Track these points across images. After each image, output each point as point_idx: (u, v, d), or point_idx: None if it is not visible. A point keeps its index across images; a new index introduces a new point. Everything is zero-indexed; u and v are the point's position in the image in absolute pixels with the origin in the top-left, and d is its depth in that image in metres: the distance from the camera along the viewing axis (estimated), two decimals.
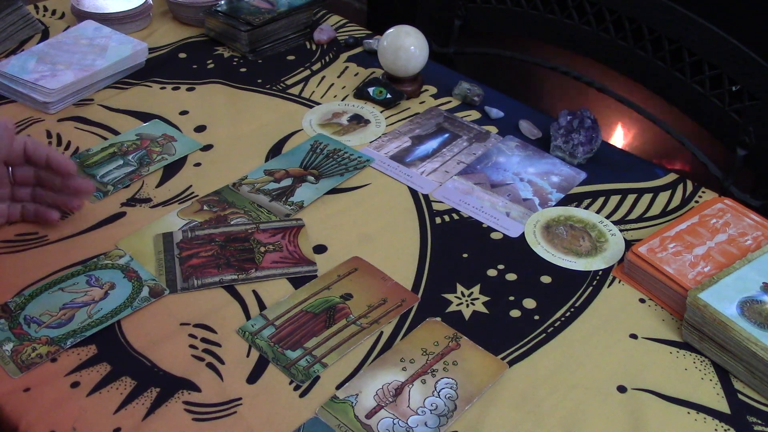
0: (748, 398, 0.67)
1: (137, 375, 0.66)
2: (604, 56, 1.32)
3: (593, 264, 0.81)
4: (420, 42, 1.06)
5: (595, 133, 0.96)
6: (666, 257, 0.77)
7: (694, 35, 1.17)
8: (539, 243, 0.84)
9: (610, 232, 0.86)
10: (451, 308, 0.75)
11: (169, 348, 0.69)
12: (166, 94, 1.07)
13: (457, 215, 0.87)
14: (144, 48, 1.12)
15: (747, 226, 0.81)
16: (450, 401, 0.65)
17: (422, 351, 0.70)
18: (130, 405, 0.64)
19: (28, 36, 1.19)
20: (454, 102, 1.09)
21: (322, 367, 0.68)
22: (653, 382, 0.68)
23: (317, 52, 1.20)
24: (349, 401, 0.65)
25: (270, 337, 0.70)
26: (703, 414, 0.66)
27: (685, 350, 0.72)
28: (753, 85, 1.12)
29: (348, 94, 1.10)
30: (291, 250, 0.80)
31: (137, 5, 1.22)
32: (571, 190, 0.92)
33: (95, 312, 0.72)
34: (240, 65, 1.15)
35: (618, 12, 1.27)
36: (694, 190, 0.93)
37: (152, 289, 0.75)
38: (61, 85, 1.02)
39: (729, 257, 0.77)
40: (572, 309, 0.76)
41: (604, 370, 0.69)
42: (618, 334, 0.73)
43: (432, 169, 0.95)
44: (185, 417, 0.63)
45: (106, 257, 0.78)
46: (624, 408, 0.66)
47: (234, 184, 0.90)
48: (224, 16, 1.18)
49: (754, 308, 0.69)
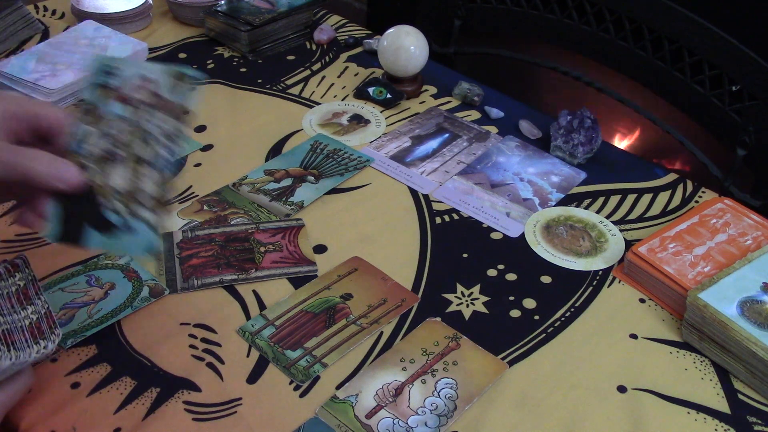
0: (748, 398, 0.67)
1: (137, 375, 0.66)
2: (604, 56, 1.32)
3: (593, 264, 0.81)
4: (420, 42, 1.06)
5: (595, 133, 0.96)
6: (666, 257, 0.77)
7: (694, 35, 1.17)
8: (539, 243, 0.84)
9: (610, 232, 0.86)
10: (451, 308, 0.75)
11: (169, 348, 0.69)
12: None
13: (457, 215, 0.87)
14: (144, 48, 1.12)
15: (747, 226, 0.81)
16: (450, 401, 0.65)
17: (422, 351, 0.70)
18: (130, 405, 0.64)
19: (28, 36, 1.19)
20: (454, 102, 1.09)
21: (322, 367, 0.68)
22: (653, 382, 0.68)
23: (317, 52, 1.20)
24: (349, 401, 0.65)
25: (270, 337, 0.70)
26: (703, 414, 0.66)
27: (685, 350, 0.72)
28: (753, 85, 1.12)
29: (348, 94, 1.10)
30: (291, 250, 0.80)
31: (137, 5, 1.22)
32: (571, 190, 0.92)
33: (95, 312, 0.72)
34: (240, 65, 1.15)
35: (618, 12, 1.27)
36: (694, 190, 0.93)
37: (152, 289, 0.75)
38: (62, 85, 1.02)
39: (729, 257, 0.77)
40: (572, 309, 0.76)
41: (604, 370, 0.69)
42: (618, 334, 0.73)
43: (432, 169, 0.95)
44: (185, 417, 0.63)
45: (106, 257, 0.78)
46: (624, 408, 0.66)
47: (234, 184, 0.90)
48: (224, 16, 1.18)
49: (754, 308, 0.69)
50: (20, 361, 0.57)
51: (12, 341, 0.57)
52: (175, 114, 0.61)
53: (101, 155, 0.58)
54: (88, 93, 0.60)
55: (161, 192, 0.59)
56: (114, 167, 0.58)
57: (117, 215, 0.57)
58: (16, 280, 0.61)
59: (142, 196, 0.58)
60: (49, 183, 0.55)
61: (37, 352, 0.58)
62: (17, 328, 0.58)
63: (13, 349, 0.57)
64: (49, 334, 0.60)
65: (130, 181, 0.58)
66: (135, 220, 0.57)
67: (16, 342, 0.57)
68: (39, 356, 0.59)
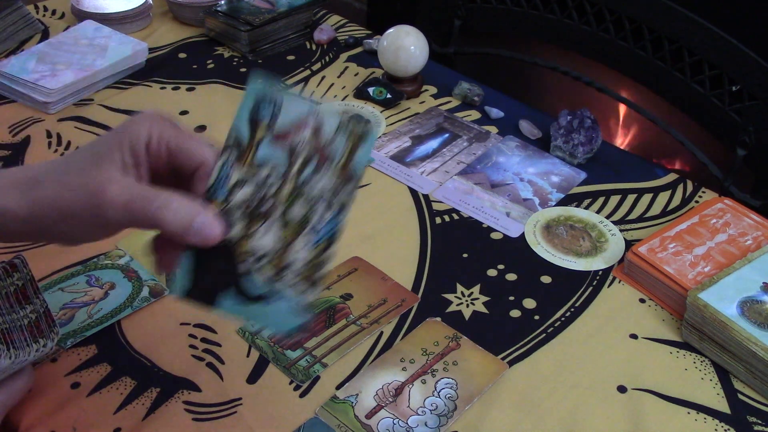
0: (748, 398, 0.67)
1: (137, 375, 0.66)
2: (604, 56, 1.32)
3: (593, 264, 0.81)
4: (420, 42, 1.06)
5: (595, 133, 0.96)
6: (666, 257, 0.77)
7: (694, 35, 1.17)
8: (539, 243, 0.84)
9: (610, 232, 0.86)
10: (451, 308, 0.75)
11: (169, 348, 0.69)
12: (166, 94, 1.07)
13: (457, 215, 0.87)
14: (144, 48, 1.12)
15: (747, 226, 0.81)
16: (450, 401, 0.65)
17: (422, 351, 0.70)
18: (130, 405, 0.64)
19: (28, 36, 1.19)
20: (454, 102, 1.09)
21: (322, 367, 0.68)
22: (653, 382, 0.68)
23: (317, 52, 1.20)
24: (349, 401, 0.65)
25: (270, 337, 0.70)
26: (703, 414, 0.66)
27: (685, 350, 0.72)
28: (753, 85, 1.12)
29: (348, 94, 1.10)
30: None
31: (137, 5, 1.22)
32: (571, 190, 0.92)
33: (95, 312, 0.72)
34: (240, 65, 1.15)
35: (618, 12, 1.26)
36: (694, 190, 0.93)
37: (152, 289, 0.74)
38: (61, 85, 1.02)
39: (729, 257, 0.77)
40: (572, 309, 0.76)
41: (604, 370, 0.69)
42: (618, 334, 0.73)
43: (432, 169, 0.95)
44: (185, 417, 0.63)
45: (106, 257, 0.78)
46: (624, 408, 0.66)
47: None
48: (224, 16, 1.18)
49: (754, 308, 0.69)
50: (20, 360, 0.57)
51: (11, 340, 0.57)
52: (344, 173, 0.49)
53: (248, 207, 0.49)
54: (240, 126, 0.50)
55: (315, 263, 0.49)
56: (262, 223, 0.49)
57: (259, 281, 0.48)
58: (14, 280, 0.61)
59: (292, 264, 0.48)
60: (184, 237, 0.47)
61: (37, 351, 0.58)
62: (16, 327, 0.58)
63: (13, 348, 0.57)
64: (48, 332, 0.60)
65: (279, 243, 0.48)
66: (280, 290, 0.48)
67: (15, 341, 0.57)
68: (39, 354, 0.59)
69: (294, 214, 0.48)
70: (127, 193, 0.46)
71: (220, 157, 0.49)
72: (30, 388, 0.61)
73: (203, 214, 0.47)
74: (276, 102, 0.49)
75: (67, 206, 0.46)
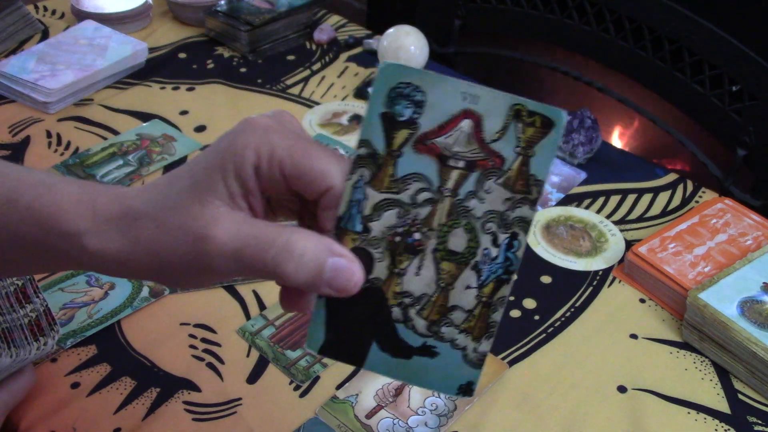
0: (748, 398, 0.67)
1: (137, 375, 0.66)
2: (604, 56, 1.32)
3: (593, 264, 0.81)
4: (420, 42, 1.06)
5: (595, 133, 0.96)
6: (666, 257, 0.77)
7: (694, 35, 1.17)
8: (539, 243, 0.84)
9: (610, 232, 0.86)
10: None
11: (169, 348, 0.69)
12: (166, 94, 1.07)
13: None
14: (144, 48, 1.12)
15: (747, 226, 0.81)
16: (450, 401, 0.65)
17: None
18: (130, 405, 0.64)
19: (28, 36, 1.19)
20: None
21: (322, 367, 0.68)
22: (653, 382, 0.68)
23: (317, 52, 1.20)
24: (349, 401, 0.65)
25: (270, 337, 0.70)
26: (704, 414, 0.66)
27: (685, 350, 0.72)
28: (753, 85, 1.12)
29: (348, 94, 1.10)
30: None
31: (137, 5, 1.22)
32: (571, 190, 0.92)
33: (95, 312, 0.72)
34: (240, 65, 1.15)
35: (618, 12, 1.26)
36: (694, 190, 0.93)
37: (152, 289, 0.74)
38: (61, 85, 1.02)
39: (729, 257, 0.77)
40: (572, 309, 0.76)
41: (604, 370, 0.69)
42: (618, 334, 0.73)
43: None
44: (185, 417, 0.63)
45: None
46: (624, 408, 0.66)
47: None
48: (224, 16, 1.18)
49: (755, 308, 0.69)
50: (20, 359, 0.57)
51: (12, 339, 0.57)
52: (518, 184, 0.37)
53: (393, 238, 0.38)
54: (372, 130, 0.37)
55: (485, 308, 0.39)
56: (412, 261, 0.38)
57: (413, 332, 0.39)
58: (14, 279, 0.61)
59: (458, 307, 0.39)
60: (313, 290, 0.37)
61: (38, 349, 0.58)
62: (17, 326, 0.58)
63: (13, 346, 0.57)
64: (49, 331, 0.60)
65: (436, 285, 0.38)
66: (446, 339, 0.39)
67: (15, 340, 0.57)
68: (40, 353, 0.59)
69: (454, 243, 0.38)
70: (237, 239, 0.35)
71: (351, 175, 0.37)
72: (31, 388, 0.61)
73: (338, 257, 0.36)
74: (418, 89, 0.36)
75: (167, 253, 0.36)
